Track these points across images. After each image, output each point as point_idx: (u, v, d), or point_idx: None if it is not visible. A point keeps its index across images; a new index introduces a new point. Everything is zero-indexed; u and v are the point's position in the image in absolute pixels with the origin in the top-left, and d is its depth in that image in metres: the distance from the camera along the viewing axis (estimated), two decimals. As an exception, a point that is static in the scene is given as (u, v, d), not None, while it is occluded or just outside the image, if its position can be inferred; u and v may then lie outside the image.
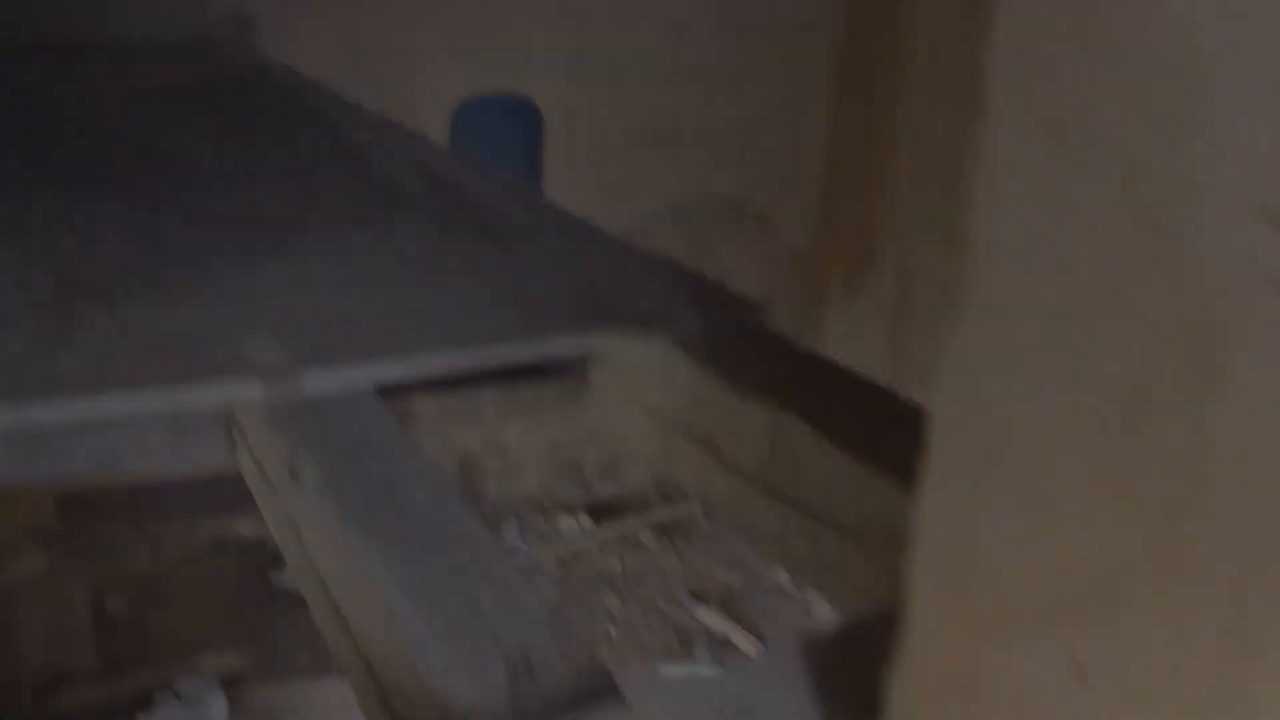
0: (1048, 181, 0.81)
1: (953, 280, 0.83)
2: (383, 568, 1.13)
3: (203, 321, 1.65)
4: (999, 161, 0.86)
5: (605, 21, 5.88)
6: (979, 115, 0.86)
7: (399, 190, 2.51)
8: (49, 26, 4.35)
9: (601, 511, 6.88)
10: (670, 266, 2.15)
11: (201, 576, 3.49)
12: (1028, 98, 0.83)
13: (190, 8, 4.66)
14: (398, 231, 2.20)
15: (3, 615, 2.76)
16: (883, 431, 1.53)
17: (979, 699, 0.87)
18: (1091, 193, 0.76)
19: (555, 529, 6.71)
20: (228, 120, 3.13)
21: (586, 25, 5.83)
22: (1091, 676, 0.76)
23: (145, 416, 1.46)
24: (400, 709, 1.09)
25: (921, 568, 0.92)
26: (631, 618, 6.08)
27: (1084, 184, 0.77)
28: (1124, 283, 0.74)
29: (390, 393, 1.58)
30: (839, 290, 7.29)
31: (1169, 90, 0.70)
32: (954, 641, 0.89)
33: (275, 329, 1.62)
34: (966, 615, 0.88)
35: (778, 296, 7.32)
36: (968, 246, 0.88)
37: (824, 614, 4.31)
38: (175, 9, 4.62)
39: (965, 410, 0.88)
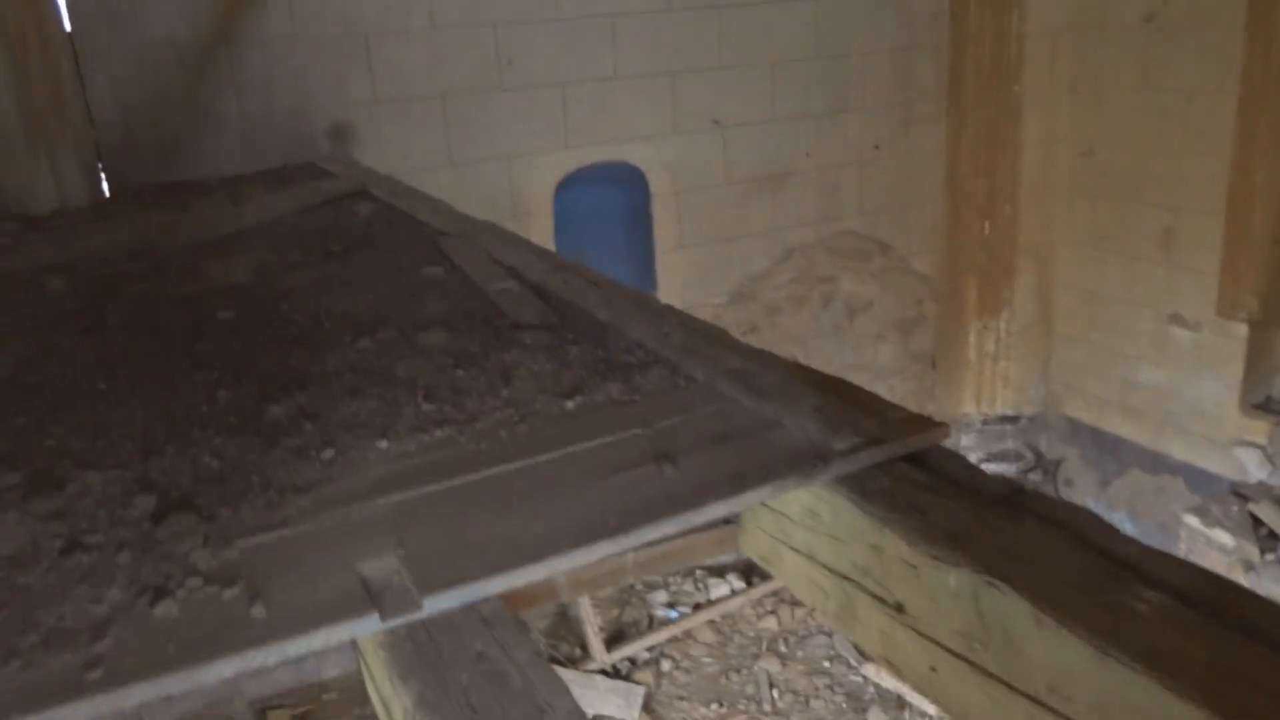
0: None
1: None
2: None
3: (310, 533, 1.49)
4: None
5: (698, 75, 5.69)
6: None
7: (510, 320, 2.34)
8: (156, 172, 4.41)
9: (752, 568, 6.63)
10: (819, 381, 1.90)
11: None
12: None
13: (289, 127, 4.67)
14: (514, 377, 2.02)
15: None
16: (1117, 594, 1.25)
17: None
18: None
19: (705, 591, 6.50)
20: (328, 257, 3.04)
21: (680, 80, 5.65)
22: None
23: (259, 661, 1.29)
24: None
25: None
26: (795, 681, 5.79)
27: None
28: None
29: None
30: (976, 311, 6.89)
31: None
32: None
33: (390, 537, 1.44)
34: None
35: (914, 325, 7.03)
36: None
37: None
38: (275, 133, 4.63)
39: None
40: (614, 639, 5.62)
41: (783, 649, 5.96)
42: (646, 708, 5.26)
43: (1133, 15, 6.08)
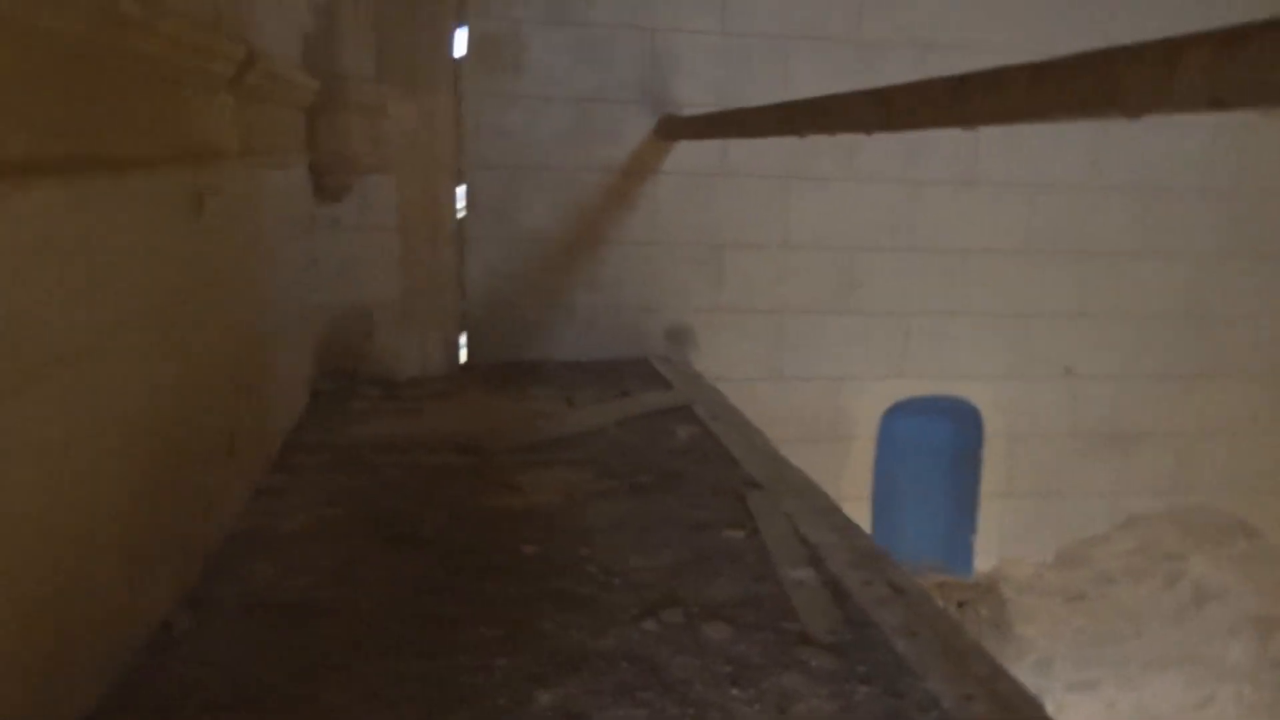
0: None
1: None
2: None
3: None
4: None
5: (1050, 319, 5.36)
6: None
7: (799, 628, 2.19)
8: (507, 349, 4.71)
9: None
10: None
11: None
12: None
13: (631, 325, 4.86)
14: (790, 711, 1.85)
15: None
16: None
17: None
18: None
19: None
20: (635, 491, 3.04)
21: (1027, 325, 5.35)
22: None
23: None
24: None
25: None
26: None
27: None
28: None
29: None
30: (1362, 625, 5.83)
31: None
32: None
33: None
34: None
35: (1278, 626, 6.05)
36: None
37: None
38: (617, 328, 4.83)
39: None
40: None
41: None
42: None
43: None
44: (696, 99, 4.76)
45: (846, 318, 5.16)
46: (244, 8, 2.78)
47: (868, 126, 2.39)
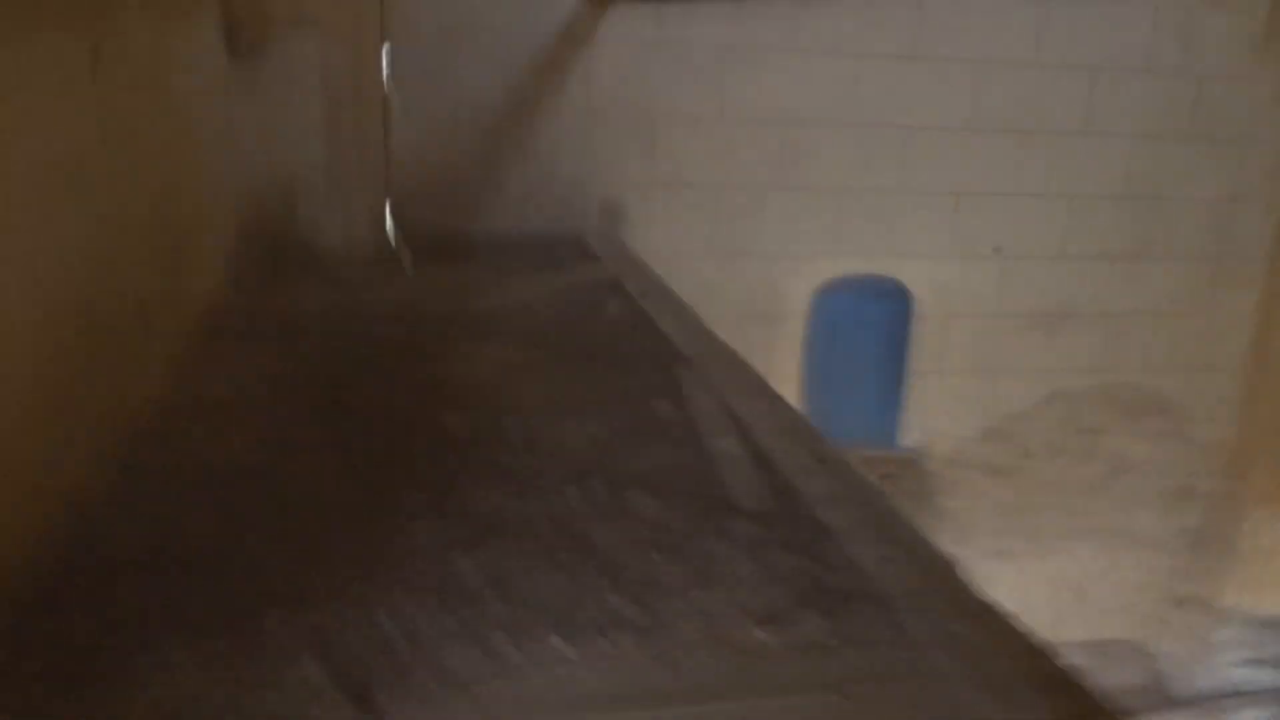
0: None
1: None
2: None
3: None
4: None
5: (986, 199, 5.38)
6: None
7: (722, 496, 2.21)
8: (437, 223, 4.60)
9: None
10: (1055, 678, 1.65)
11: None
12: None
13: (564, 198, 4.77)
14: (712, 578, 1.88)
15: None
16: None
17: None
18: None
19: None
20: (565, 363, 3.02)
21: (965, 201, 5.36)
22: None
23: None
24: None
25: None
26: None
27: None
28: None
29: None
30: (1261, 498, 6.12)
31: None
32: None
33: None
34: None
35: (1183, 499, 6.32)
36: None
37: None
38: (551, 202, 4.74)
39: None
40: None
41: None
42: None
43: None
44: (635, -39, 4.58)
45: (783, 194, 5.11)
46: None
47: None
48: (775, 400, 2.88)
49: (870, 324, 5.66)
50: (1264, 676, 6.36)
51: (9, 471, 1.73)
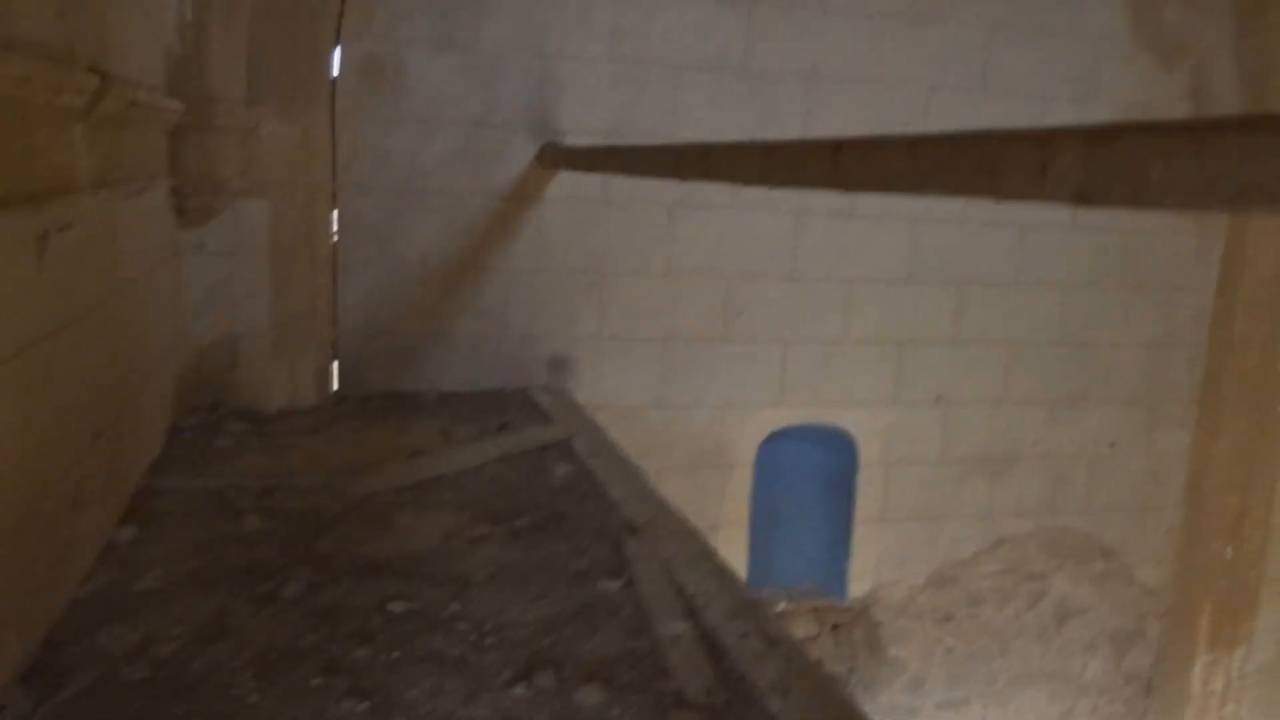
0: None
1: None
2: None
3: None
4: None
5: (928, 347, 5.50)
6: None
7: (673, 690, 2.16)
8: (384, 378, 4.58)
9: None
10: None
11: None
12: None
13: (513, 354, 4.79)
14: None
15: None
16: None
17: None
18: None
19: None
20: (513, 536, 2.98)
21: (907, 350, 5.47)
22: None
23: None
24: None
25: None
26: None
27: None
28: None
29: None
30: (1207, 642, 6.15)
31: None
32: None
33: None
34: None
35: (1131, 642, 6.33)
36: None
37: None
38: (499, 357, 4.75)
39: None
40: None
41: None
42: None
43: None
44: (586, 125, 4.72)
45: (730, 345, 5.19)
46: (100, 33, 2.62)
47: (749, 180, 2.39)
48: (724, 573, 2.85)
49: (816, 472, 5.69)
50: (1222, 824, 6.27)
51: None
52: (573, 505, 3.30)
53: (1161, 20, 5.54)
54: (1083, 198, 1.32)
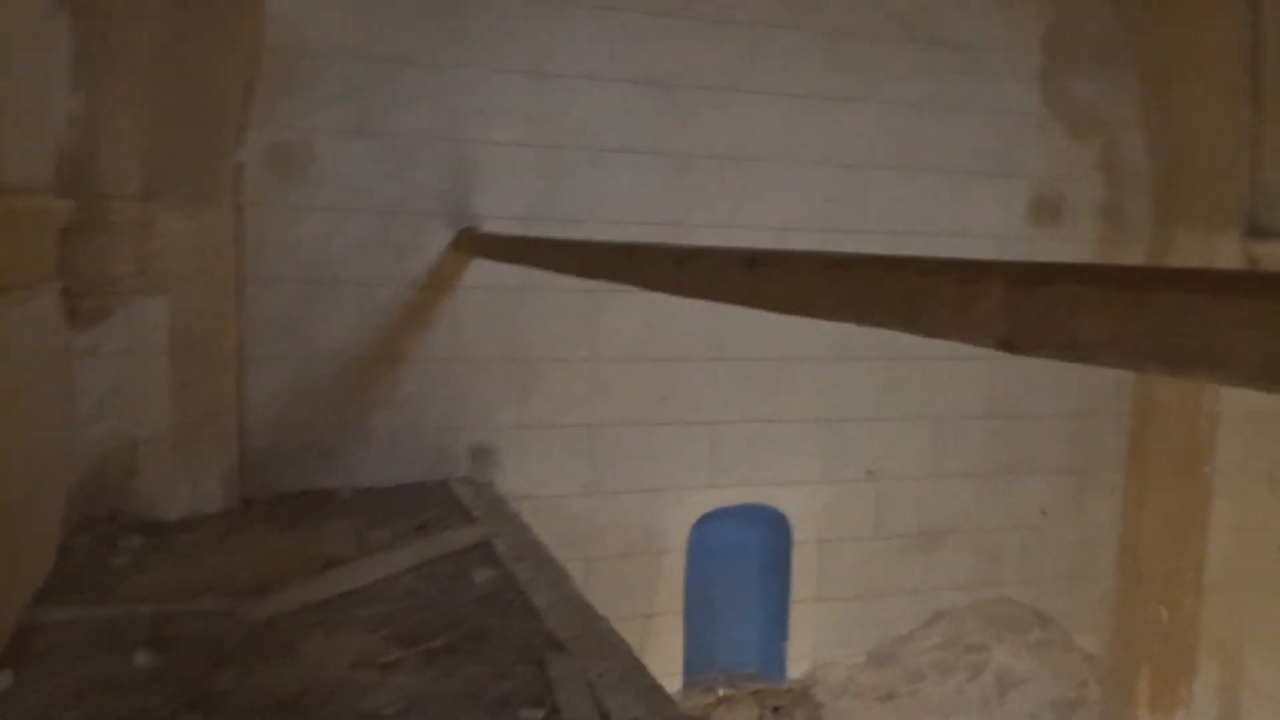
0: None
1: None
2: None
3: None
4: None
5: (857, 424, 5.45)
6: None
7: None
8: (297, 476, 4.38)
9: None
10: None
11: None
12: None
13: (433, 445, 4.62)
14: None
15: None
16: None
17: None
18: None
19: None
20: (428, 659, 2.80)
21: (837, 428, 5.41)
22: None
23: None
24: None
25: None
26: None
27: None
28: None
29: None
30: (1148, 706, 6.12)
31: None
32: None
33: None
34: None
35: (1074, 708, 6.28)
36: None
37: None
38: (419, 449, 4.58)
39: None
40: None
41: None
42: None
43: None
44: (504, 209, 4.62)
45: (659, 429, 5.07)
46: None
47: (661, 288, 2.29)
48: (653, 693, 2.70)
49: (750, 553, 5.57)
50: None
51: None
52: (494, 619, 3.12)
53: (1073, 96, 5.65)
54: (1010, 345, 1.23)
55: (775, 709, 5.67)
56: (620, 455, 5.01)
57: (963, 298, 1.30)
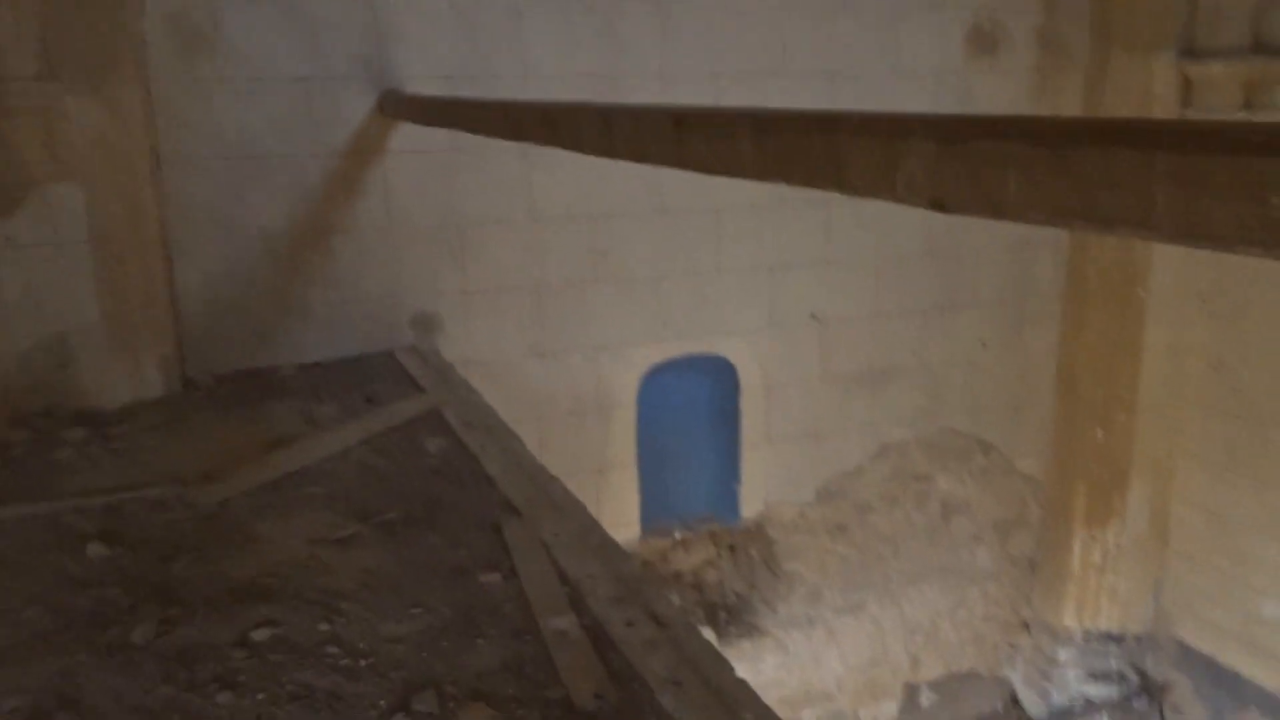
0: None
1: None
2: None
3: None
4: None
5: (801, 270, 5.46)
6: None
7: (563, 696, 2.08)
8: (238, 357, 4.32)
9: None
10: None
11: None
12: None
13: (375, 317, 4.56)
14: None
15: None
16: None
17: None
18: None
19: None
20: (385, 533, 2.83)
21: (780, 275, 5.42)
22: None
23: None
24: None
25: None
26: None
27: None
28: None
29: None
30: (1084, 520, 6.43)
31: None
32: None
33: None
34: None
35: (1014, 528, 6.57)
36: None
37: None
38: (360, 322, 4.52)
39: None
40: None
41: None
42: None
43: None
44: (427, 70, 4.43)
45: (602, 286, 5.04)
46: None
47: (593, 150, 2.22)
48: (607, 549, 2.77)
49: (699, 402, 5.65)
50: (1107, 690, 6.65)
51: None
52: (447, 489, 3.16)
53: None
54: (940, 205, 1.21)
55: (731, 547, 5.87)
56: (565, 315, 4.99)
57: (887, 157, 1.28)
